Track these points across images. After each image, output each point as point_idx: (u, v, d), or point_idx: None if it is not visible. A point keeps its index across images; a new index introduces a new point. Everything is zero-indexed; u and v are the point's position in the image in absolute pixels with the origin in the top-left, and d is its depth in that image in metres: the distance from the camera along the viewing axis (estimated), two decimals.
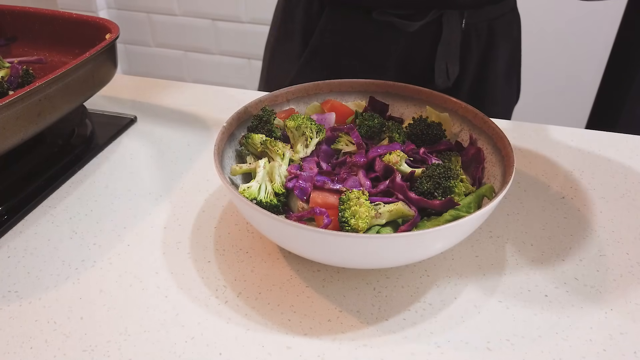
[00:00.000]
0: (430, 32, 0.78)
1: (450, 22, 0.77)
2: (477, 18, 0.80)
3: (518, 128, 0.72)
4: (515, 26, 0.88)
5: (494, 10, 0.81)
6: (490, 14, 0.81)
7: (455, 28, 0.78)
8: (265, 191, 0.48)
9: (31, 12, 0.72)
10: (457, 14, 0.77)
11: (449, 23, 0.77)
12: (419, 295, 0.46)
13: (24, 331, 0.42)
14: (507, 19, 0.84)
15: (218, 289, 0.46)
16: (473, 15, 0.79)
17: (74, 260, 0.49)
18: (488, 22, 0.81)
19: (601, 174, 0.62)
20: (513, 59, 0.90)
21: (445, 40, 0.79)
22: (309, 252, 0.43)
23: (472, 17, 0.79)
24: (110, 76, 0.65)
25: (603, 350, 0.41)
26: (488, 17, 0.81)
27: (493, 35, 0.82)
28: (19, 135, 0.52)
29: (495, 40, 0.83)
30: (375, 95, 0.60)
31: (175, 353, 0.41)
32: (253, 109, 0.56)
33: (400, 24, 0.77)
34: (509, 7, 0.84)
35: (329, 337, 0.42)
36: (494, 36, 0.83)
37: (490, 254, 0.50)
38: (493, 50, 0.84)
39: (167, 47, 2.00)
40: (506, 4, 0.83)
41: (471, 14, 0.78)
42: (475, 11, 0.79)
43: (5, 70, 0.66)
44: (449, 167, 0.47)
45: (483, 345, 0.41)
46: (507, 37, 0.85)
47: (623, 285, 0.47)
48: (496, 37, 0.83)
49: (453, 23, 0.77)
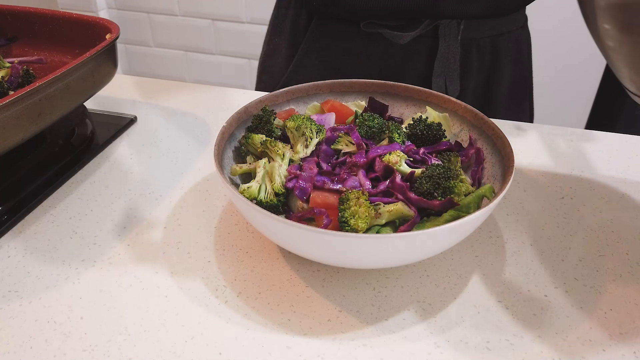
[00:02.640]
0: (425, 45, 0.74)
1: (447, 36, 0.73)
2: (478, 33, 0.75)
3: (518, 128, 0.72)
4: (525, 45, 0.83)
5: (498, 25, 0.76)
6: (494, 29, 0.76)
7: (452, 42, 0.74)
8: (265, 191, 0.48)
9: (31, 12, 0.72)
10: (454, 26, 0.73)
11: (446, 36, 0.73)
12: (419, 295, 0.46)
13: (24, 331, 0.42)
14: (514, 36, 0.79)
15: (218, 288, 0.46)
16: (472, 30, 0.75)
17: (74, 260, 0.49)
18: (491, 39, 0.77)
19: (601, 174, 0.62)
20: (523, 80, 0.85)
21: (442, 54, 0.74)
22: (309, 252, 0.43)
23: (472, 32, 0.75)
24: (110, 76, 0.65)
25: (603, 350, 0.41)
26: (492, 32, 0.76)
27: (497, 53, 0.78)
28: (19, 135, 0.52)
29: (500, 59, 0.78)
30: (375, 95, 0.61)
31: (175, 353, 0.41)
32: (253, 109, 0.56)
33: (390, 35, 0.73)
34: (517, 24, 0.79)
35: (329, 337, 0.42)
36: (499, 54, 0.78)
37: (490, 254, 0.50)
38: (498, 69, 0.79)
39: (167, 47, 2.00)
40: (513, 20, 0.78)
41: (470, 27, 0.74)
42: (475, 25, 0.74)
43: (6, 70, 0.66)
44: (449, 168, 0.47)
45: (483, 345, 0.41)
46: (515, 57, 0.81)
47: (623, 285, 0.47)
48: (501, 56, 0.78)
49: (450, 37, 0.73)
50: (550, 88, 1.68)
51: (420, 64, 0.76)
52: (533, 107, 0.90)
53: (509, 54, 0.79)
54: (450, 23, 0.73)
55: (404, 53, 0.75)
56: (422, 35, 0.73)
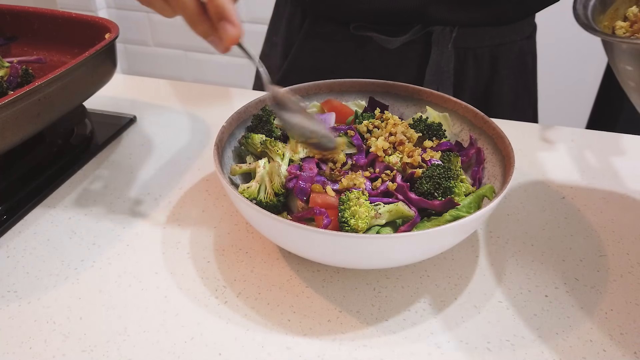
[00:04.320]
0: (417, 52, 0.72)
1: (440, 43, 0.71)
2: (475, 42, 0.73)
3: (518, 128, 0.72)
4: (529, 57, 0.79)
5: (499, 35, 0.73)
6: (494, 39, 0.73)
7: (445, 50, 0.72)
8: (265, 191, 0.48)
9: (31, 12, 0.72)
10: (447, 33, 0.70)
11: (439, 44, 0.71)
12: (419, 295, 0.46)
13: (23, 331, 0.42)
14: (517, 47, 0.75)
15: (218, 289, 0.46)
16: (469, 38, 0.72)
17: (74, 260, 0.49)
18: (491, 48, 0.73)
19: (601, 174, 0.62)
20: (527, 92, 0.81)
21: (434, 62, 0.72)
22: (309, 252, 0.43)
23: (468, 40, 0.72)
24: (109, 76, 0.65)
25: (603, 350, 0.41)
26: (492, 42, 0.73)
27: (497, 63, 0.74)
28: (19, 135, 0.52)
29: (499, 70, 0.75)
30: (375, 95, 0.60)
31: (174, 353, 0.41)
32: (253, 108, 0.56)
33: (379, 39, 0.71)
34: (522, 35, 0.75)
35: (329, 338, 0.42)
36: (499, 65, 0.75)
37: (490, 254, 0.50)
38: (497, 80, 0.76)
39: (166, 46, 2.00)
40: (517, 29, 0.74)
41: (466, 35, 0.72)
42: (471, 33, 0.72)
43: (5, 70, 0.66)
44: (449, 168, 0.47)
45: (483, 346, 0.41)
46: (517, 69, 0.77)
47: (623, 285, 0.47)
48: (501, 67, 0.75)
49: (443, 44, 0.71)
50: (551, 88, 1.68)
51: (412, 70, 0.74)
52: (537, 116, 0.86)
53: (511, 66, 0.76)
54: (444, 30, 0.70)
55: (395, 58, 0.74)
56: (414, 41, 0.72)
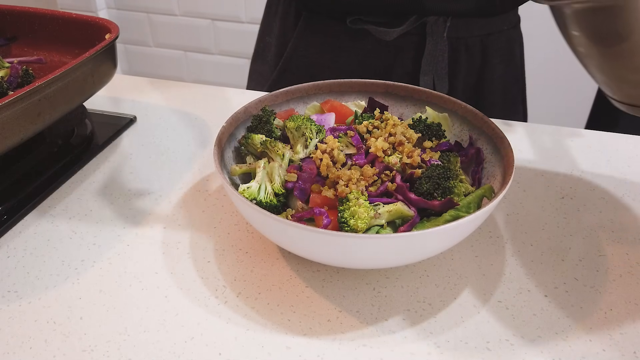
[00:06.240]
0: (412, 43, 0.74)
1: (434, 34, 0.73)
2: (466, 32, 0.75)
3: (518, 128, 0.72)
4: (517, 45, 0.82)
5: (488, 25, 0.76)
6: (483, 29, 0.76)
7: (440, 40, 0.73)
8: (265, 191, 0.48)
9: (31, 12, 0.72)
10: (441, 24, 0.72)
11: (433, 34, 0.73)
12: (419, 295, 0.46)
13: (23, 331, 0.42)
14: (505, 36, 0.78)
15: (218, 289, 0.46)
16: (461, 28, 0.74)
17: (74, 261, 0.49)
18: (481, 38, 0.76)
19: (601, 174, 0.62)
20: (516, 81, 0.84)
21: (429, 52, 0.74)
22: (309, 252, 0.43)
23: (460, 30, 0.74)
24: (110, 76, 0.65)
25: (603, 350, 0.41)
26: (481, 32, 0.76)
27: (487, 52, 0.77)
28: (19, 135, 0.52)
29: (490, 59, 0.78)
30: (375, 95, 0.60)
31: (174, 353, 0.41)
32: (253, 109, 0.56)
33: (376, 32, 0.72)
34: (508, 24, 0.78)
35: (329, 337, 0.42)
36: (489, 54, 0.77)
37: (490, 254, 0.50)
38: (488, 69, 0.78)
39: (166, 47, 2.00)
40: (503, 20, 0.77)
41: (458, 26, 0.74)
42: (463, 24, 0.74)
43: (5, 70, 0.66)
44: (449, 168, 0.47)
45: (483, 345, 0.41)
46: (506, 57, 0.80)
47: (623, 285, 0.47)
48: (491, 55, 0.78)
49: (437, 34, 0.73)
50: (551, 88, 1.68)
51: (408, 61, 0.76)
52: (527, 109, 0.89)
53: (500, 54, 0.79)
54: (437, 20, 0.72)
55: (392, 50, 0.75)
56: (410, 32, 0.73)
